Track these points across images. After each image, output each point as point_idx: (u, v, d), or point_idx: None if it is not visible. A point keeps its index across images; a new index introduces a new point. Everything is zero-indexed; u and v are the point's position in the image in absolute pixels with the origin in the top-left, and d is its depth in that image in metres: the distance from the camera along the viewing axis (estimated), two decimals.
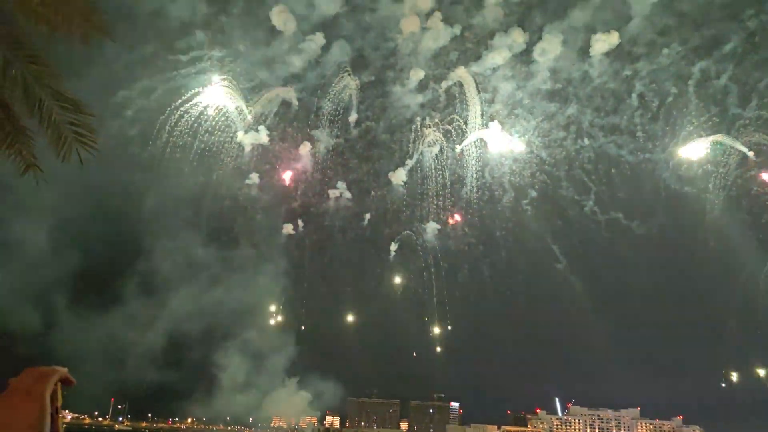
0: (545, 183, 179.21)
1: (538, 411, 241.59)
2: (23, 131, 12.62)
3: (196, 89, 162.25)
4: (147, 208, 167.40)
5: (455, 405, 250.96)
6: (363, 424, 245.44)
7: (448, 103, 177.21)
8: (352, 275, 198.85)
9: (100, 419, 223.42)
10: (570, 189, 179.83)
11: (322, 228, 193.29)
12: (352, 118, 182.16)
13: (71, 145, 12.10)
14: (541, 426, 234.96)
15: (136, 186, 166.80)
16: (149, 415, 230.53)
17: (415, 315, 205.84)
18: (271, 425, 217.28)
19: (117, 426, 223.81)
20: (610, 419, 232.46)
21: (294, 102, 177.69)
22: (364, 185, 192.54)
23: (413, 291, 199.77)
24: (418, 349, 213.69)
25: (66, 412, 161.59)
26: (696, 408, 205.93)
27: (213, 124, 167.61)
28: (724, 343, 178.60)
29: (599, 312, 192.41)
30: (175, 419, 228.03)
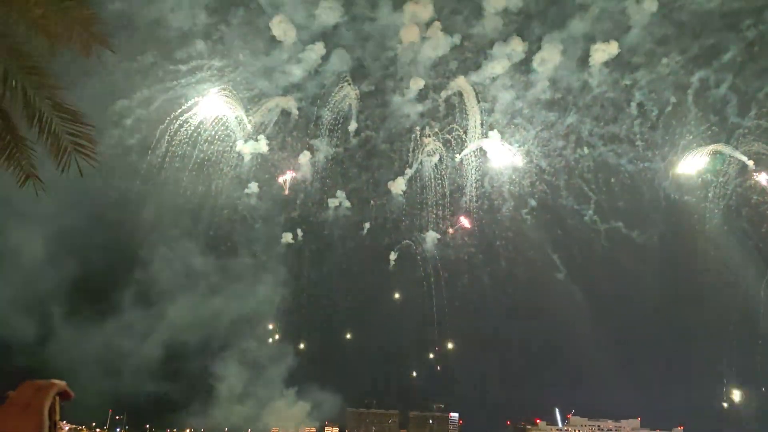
0: (545, 192, 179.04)
1: (538, 422, 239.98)
2: (23, 141, 12.56)
3: (195, 99, 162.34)
4: (145, 217, 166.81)
5: (455, 416, 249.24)
6: None
7: (447, 113, 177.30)
8: (352, 284, 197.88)
9: (98, 430, 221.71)
10: (570, 198, 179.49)
11: (322, 237, 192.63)
12: (352, 128, 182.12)
13: (70, 156, 12.05)
14: None
15: (135, 195, 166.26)
16: (147, 425, 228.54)
17: (414, 324, 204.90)
18: None
19: None
20: (611, 429, 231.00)
21: (294, 111, 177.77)
22: (363, 194, 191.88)
23: (413, 300, 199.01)
24: (418, 358, 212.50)
25: (63, 423, 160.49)
26: (696, 418, 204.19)
27: (212, 133, 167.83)
28: (724, 353, 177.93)
29: (600, 321, 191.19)
30: (173, 430, 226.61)
